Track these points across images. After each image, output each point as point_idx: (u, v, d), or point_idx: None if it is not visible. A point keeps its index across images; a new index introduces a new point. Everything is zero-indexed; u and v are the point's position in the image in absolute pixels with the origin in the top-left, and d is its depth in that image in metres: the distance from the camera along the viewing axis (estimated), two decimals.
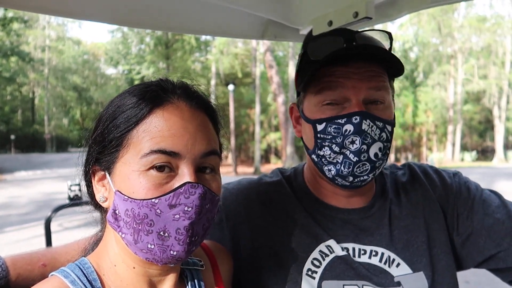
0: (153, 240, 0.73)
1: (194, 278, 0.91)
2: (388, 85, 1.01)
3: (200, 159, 0.77)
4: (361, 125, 0.94)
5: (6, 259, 0.95)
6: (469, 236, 1.08)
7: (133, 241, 0.74)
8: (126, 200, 0.74)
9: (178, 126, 0.75)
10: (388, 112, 1.00)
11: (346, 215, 1.08)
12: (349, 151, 0.97)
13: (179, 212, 0.72)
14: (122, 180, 0.75)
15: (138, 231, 0.74)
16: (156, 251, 0.74)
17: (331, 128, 0.98)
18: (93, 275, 0.79)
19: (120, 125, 0.77)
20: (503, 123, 38.18)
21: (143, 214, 0.72)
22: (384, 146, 0.99)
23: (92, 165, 0.81)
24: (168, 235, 0.73)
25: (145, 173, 0.73)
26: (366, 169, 0.98)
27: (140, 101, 0.77)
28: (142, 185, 0.73)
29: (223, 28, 1.51)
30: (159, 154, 0.73)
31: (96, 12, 1.26)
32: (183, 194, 0.73)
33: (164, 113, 0.76)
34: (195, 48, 33.67)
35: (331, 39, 1.02)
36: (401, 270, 1.01)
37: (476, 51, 38.69)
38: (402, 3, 1.26)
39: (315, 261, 1.02)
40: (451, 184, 1.14)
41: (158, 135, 0.74)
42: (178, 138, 0.74)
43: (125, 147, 0.76)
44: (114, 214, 0.77)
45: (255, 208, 1.12)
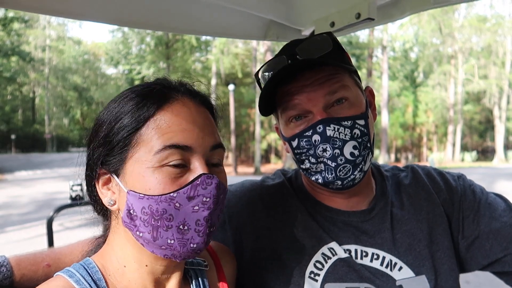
0: (173, 235, 0.74)
1: (198, 278, 0.91)
2: (346, 81, 1.01)
3: (209, 152, 0.79)
4: (326, 133, 0.97)
5: (11, 259, 0.95)
6: (475, 239, 1.08)
7: (151, 238, 0.74)
8: (142, 198, 0.74)
9: (187, 121, 0.77)
10: (356, 106, 1.00)
11: (346, 217, 1.07)
12: (325, 158, 0.99)
13: (198, 204, 0.74)
14: (136, 179, 0.75)
15: (157, 228, 0.74)
16: (176, 245, 0.75)
17: (303, 142, 1.01)
18: (98, 274, 0.79)
19: (127, 125, 0.76)
20: (504, 123, 38.14)
21: (162, 210, 0.73)
22: (360, 142, 0.99)
23: (97, 169, 0.80)
24: (187, 228, 0.74)
25: (160, 169, 0.74)
26: (349, 169, 0.99)
27: (145, 100, 0.78)
28: (159, 181, 0.73)
29: (225, 29, 1.52)
30: (173, 149, 0.74)
31: (101, 12, 1.26)
32: (200, 186, 0.74)
33: (173, 110, 0.77)
34: (195, 48, 33.66)
35: (276, 61, 1.05)
36: (404, 273, 1.01)
37: (477, 51, 38.67)
38: (404, 4, 1.26)
39: (318, 263, 1.02)
40: (456, 187, 1.13)
41: (169, 131, 0.75)
42: (189, 132, 0.76)
43: (135, 146, 0.75)
44: (129, 214, 0.76)
45: (258, 210, 1.12)
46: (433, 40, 39.52)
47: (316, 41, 1.02)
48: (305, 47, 1.02)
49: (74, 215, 9.40)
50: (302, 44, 1.03)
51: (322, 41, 1.01)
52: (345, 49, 1.07)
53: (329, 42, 1.01)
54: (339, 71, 1.00)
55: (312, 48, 1.01)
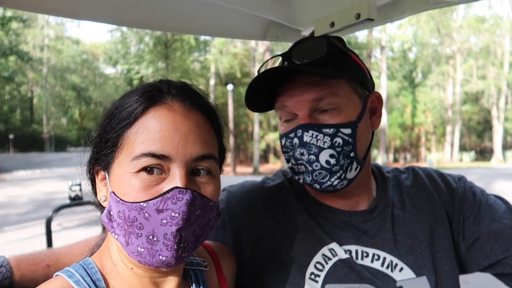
0: (142, 244, 0.73)
1: (198, 279, 0.91)
2: (338, 88, 0.99)
3: (193, 161, 0.75)
4: (303, 138, 0.98)
5: (10, 260, 0.95)
6: (475, 241, 1.08)
7: (125, 243, 0.75)
8: (118, 202, 0.74)
9: (168, 127, 0.74)
10: (344, 115, 0.99)
11: (347, 218, 1.07)
12: (303, 161, 1.00)
13: (167, 217, 0.71)
14: (116, 182, 0.76)
15: (129, 234, 0.73)
16: (145, 255, 0.73)
17: (287, 142, 1.04)
18: (97, 275, 0.79)
19: (116, 126, 0.77)
20: (502, 124, 38.23)
21: (133, 217, 0.72)
22: (339, 151, 0.98)
23: (93, 165, 0.82)
24: (157, 239, 0.72)
25: (135, 175, 0.73)
26: (325, 175, 0.99)
27: (134, 103, 0.77)
28: (132, 187, 0.72)
29: (225, 29, 1.51)
30: (149, 158, 0.72)
31: (100, 12, 1.26)
32: (171, 200, 0.71)
33: (156, 114, 0.75)
34: (194, 48, 33.63)
35: (273, 60, 1.07)
36: (404, 274, 1.01)
37: (475, 51, 38.72)
38: (404, 5, 1.26)
39: (318, 264, 1.02)
40: (456, 189, 1.14)
41: (149, 137, 0.73)
42: (168, 140, 0.73)
43: (120, 148, 0.76)
44: (109, 214, 0.77)
45: (258, 212, 1.12)
46: (431, 41, 39.58)
47: (310, 45, 1.02)
48: (300, 50, 1.02)
49: (72, 215, 9.40)
50: (298, 47, 1.03)
51: (316, 45, 1.01)
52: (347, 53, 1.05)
53: (324, 47, 0.99)
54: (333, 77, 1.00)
55: (305, 52, 1.01)
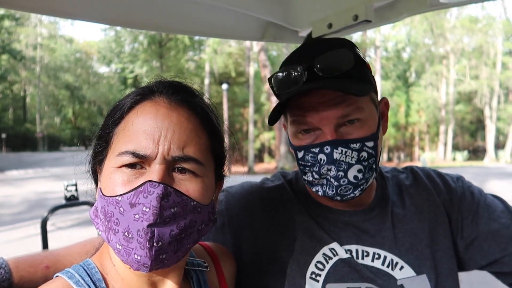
0: (119, 240, 0.71)
1: (199, 279, 0.91)
2: (362, 101, 0.97)
3: (174, 160, 0.73)
4: (332, 155, 0.95)
5: (9, 261, 0.95)
6: (473, 240, 1.09)
7: (106, 239, 0.74)
8: (101, 197, 0.75)
9: (151, 123, 0.73)
10: (367, 127, 0.98)
11: (347, 217, 1.08)
12: (329, 176, 0.98)
13: (139, 212, 0.68)
14: (103, 177, 0.77)
15: (109, 230, 0.73)
16: (123, 253, 0.71)
17: (308, 156, 0.99)
18: (97, 275, 0.79)
19: (108, 124, 0.79)
20: (494, 123, 38.54)
21: (110, 212, 0.71)
22: (365, 165, 0.98)
23: (93, 165, 0.83)
24: (131, 236, 0.69)
25: (117, 170, 0.73)
26: (349, 189, 0.99)
27: (124, 100, 0.79)
28: (112, 182, 0.72)
29: (222, 30, 1.51)
30: (129, 156, 0.72)
31: (97, 13, 1.26)
32: (142, 193, 0.69)
33: (139, 111, 0.75)
34: (188, 47, 33.55)
35: (292, 70, 0.98)
36: (405, 273, 1.02)
37: (468, 51, 39.01)
38: (401, 6, 1.27)
39: (319, 264, 1.02)
40: (455, 188, 1.15)
41: (131, 134, 0.73)
42: (149, 137, 0.72)
43: (110, 145, 0.77)
44: (95, 210, 0.78)
45: (258, 213, 1.12)
46: (425, 41, 39.81)
47: (337, 56, 0.96)
48: (325, 61, 0.95)
49: (66, 215, 9.34)
50: (322, 57, 0.96)
51: (344, 57, 0.96)
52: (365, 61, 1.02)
53: (351, 59, 0.95)
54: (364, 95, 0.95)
55: (332, 63, 0.95)
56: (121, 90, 51.53)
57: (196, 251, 0.98)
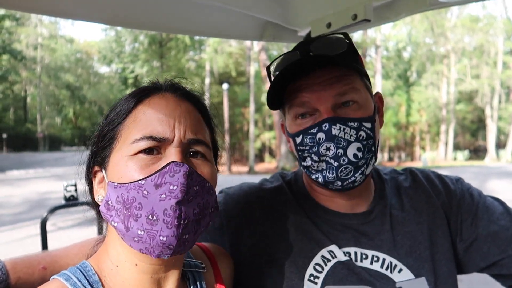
0: (142, 226, 0.72)
1: (196, 280, 0.91)
2: (357, 84, 1.00)
3: (188, 144, 0.78)
4: (331, 131, 0.96)
5: (6, 263, 0.94)
6: (473, 242, 1.09)
7: (124, 229, 0.74)
8: (116, 187, 0.75)
9: (164, 112, 0.78)
10: (364, 109, 1.00)
11: (346, 220, 1.07)
12: (328, 157, 0.98)
13: (165, 192, 0.71)
14: (113, 169, 0.77)
15: (128, 217, 0.73)
16: (146, 237, 0.72)
17: (307, 139, 1.00)
18: (94, 277, 0.79)
19: (112, 120, 0.81)
20: (495, 123, 38.51)
21: (131, 198, 0.72)
22: (364, 144, 0.98)
23: (92, 166, 0.83)
24: (156, 218, 0.71)
25: (132, 157, 0.75)
26: (350, 170, 0.98)
27: (129, 97, 0.82)
28: (129, 168, 0.74)
29: (221, 30, 1.51)
30: (147, 140, 0.75)
31: (97, 13, 1.26)
32: (168, 173, 0.72)
33: (150, 103, 0.80)
34: (189, 47, 33.58)
35: (289, 55, 1.05)
36: (403, 275, 1.01)
37: (469, 51, 38.98)
38: (400, 6, 1.27)
39: (317, 266, 1.01)
40: (454, 190, 1.14)
41: (146, 123, 0.77)
42: (164, 123, 0.77)
43: (118, 138, 0.79)
44: (107, 204, 0.77)
45: (256, 214, 1.11)
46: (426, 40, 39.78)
47: (331, 40, 1.02)
48: (320, 45, 1.01)
49: (66, 215, 9.34)
50: (317, 42, 1.02)
51: (337, 41, 1.01)
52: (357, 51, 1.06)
53: (344, 43, 1.01)
54: (351, 72, 0.99)
55: (326, 46, 1.01)
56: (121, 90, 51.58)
57: (193, 252, 0.98)
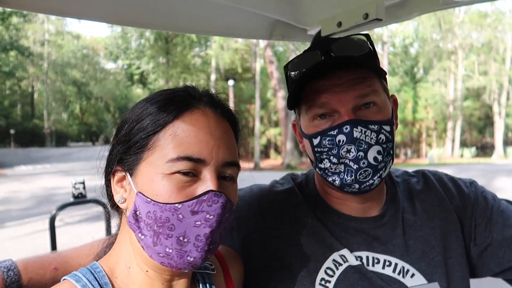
0: (171, 245, 0.74)
1: (205, 282, 0.91)
2: (377, 86, 0.99)
3: (222, 167, 0.78)
4: (352, 134, 0.94)
5: (18, 263, 0.95)
6: (487, 246, 1.07)
7: (152, 243, 0.75)
8: (148, 203, 0.74)
9: (204, 132, 0.77)
10: (383, 112, 0.99)
11: (358, 224, 1.06)
12: (347, 159, 0.97)
13: (201, 219, 0.73)
14: (146, 182, 0.76)
15: (158, 234, 0.74)
16: (173, 255, 0.74)
17: (326, 140, 0.99)
18: (104, 279, 0.79)
19: (146, 127, 0.77)
20: (503, 120, 38.15)
21: (165, 218, 0.73)
22: (384, 148, 0.97)
23: (114, 166, 0.81)
24: (187, 240, 0.73)
25: (169, 176, 0.74)
26: (369, 173, 0.97)
27: (167, 105, 0.78)
28: (166, 188, 0.73)
29: (230, 29, 1.50)
30: (186, 161, 0.74)
31: (103, 12, 1.25)
32: (206, 202, 0.73)
33: (192, 119, 0.77)
34: (195, 43, 33.55)
35: (309, 55, 1.04)
36: (416, 280, 1.00)
37: (477, 47, 38.58)
38: (412, 5, 1.25)
39: (329, 270, 1.01)
40: (468, 194, 1.12)
41: (185, 141, 0.75)
42: (204, 145, 0.76)
43: (151, 149, 0.76)
44: (135, 215, 0.76)
45: (267, 217, 1.10)
46: (433, 36, 39.43)
47: (353, 41, 1.01)
48: (342, 46, 1.00)
49: (74, 210, 9.41)
50: (339, 42, 1.01)
51: (360, 42, 1.00)
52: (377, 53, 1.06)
53: (366, 44, 1.00)
54: (371, 74, 0.98)
55: (349, 47, 0.99)
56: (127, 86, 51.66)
57: None
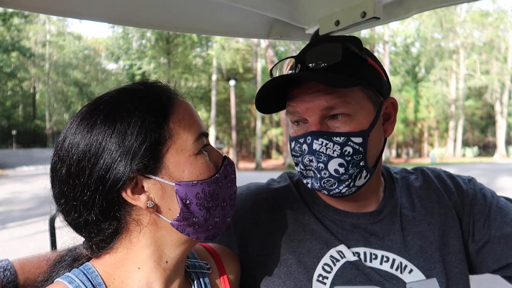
0: (218, 213, 0.82)
1: (200, 281, 0.91)
2: (351, 95, 0.96)
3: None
4: (312, 145, 0.96)
5: (14, 263, 0.95)
6: (485, 243, 1.07)
7: (204, 221, 0.80)
8: (195, 185, 0.78)
9: (195, 112, 0.85)
10: (355, 123, 0.96)
11: (355, 220, 1.06)
12: (312, 167, 0.99)
13: (230, 181, 0.86)
14: (182, 169, 0.77)
15: (209, 209, 0.80)
16: (219, 223, 0.83)
17: (297, 146, 1.01)
18: (98, 279, 0.78)
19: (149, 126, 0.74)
20: (505, 119, 38.11)
21: (212, 191, 0.80)
22: (349, 160, 0.95)
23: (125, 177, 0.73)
24: (226, 203, 0.84)
25: (199, 155, 0.80)
26: (333, 183, 0.97)
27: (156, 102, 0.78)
28: (204, 165, 0.80)
29: (228, 28, 1.50)
30: (203, 137, 0.82)
31: (103, 12, 1.25)
32: (228, 166, 0.86)
33: (183, 104, 0.83)
34: (196, 43, 33.57)
35: (285, 62, 1.04)
36: (414, 276, 1.00)
37: (479, 46, 38.54)
38: (410, 3, 1.24)
39: (326, 266, 1.01)
40: (466, 190, 1.12)
41: (193, 121, 0.82)
42: (200, 122, 0.85)
43: (169, 140, 0.77)
44: (185, 206, 0.77)
45: (264, 215, 1.11)
46: (434, 35, 39.39)
47: (325, 49, 0.98)
48: (314, 54, 0.98)
49: None
50: (312, 50, 0.99)
51: (331, 50, 0.96)
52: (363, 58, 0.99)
53: (339, 52, 0.95)
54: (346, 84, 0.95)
55: (320, 56, 0.97)
56: None
57: (198, 252, 0.98)
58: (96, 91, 54.54)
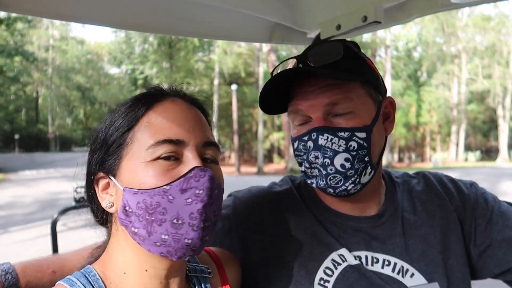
0: (166, 230, 0.73)
1: (202, 286, 0.90)
2: (353, 92, 0.98)
3: (202, 147, 0.80)
4: (317, 141, 0.97)
5: (16, 266, 0.95)
6: (487, 248, 1.06)
7: (146, 234, 0.74)
8: (136, 193, 0.74)
9: (179, 116, 0.79)
10: (358, 118, 0.98)
11: (357, 223, 1.06)
12: (317, 165, 0.99)
13: (191, 196, 0.73)
14: (130, 175, 0.76)
15: (151, 222, 0.74)
16: (170, 241, 0.74)
17: (301, 145, 1.02)
18: (99, 282, 0.79)
19: (120, 125, 0.79)
20: (507, 123, 37.99)
21: (155, 203, 0.73)
22: (354, 155, 0.96)
23: (96, 173, 0.81)
24: (181, 222, 0.73)
25: (152, 163, 0.75)
26: (340, 179, 0.98)
27: (137, 102, 0.81)
28: (151, 174, 0.74)
29: (230, 32, 1.50)
30: (165, 144, 0.75)
31: (104, 16, 1.26)
32: (193, 178, 0.74)
33: (164, 106, 0.80)
34: (198, 48, 33.68)
35: (286, 62, 1.07)
36: (415, 280, 1.00)
37: (481, 50, 38.53)
38: (411, 7, 1.25)
39: (328, 270, 1.00)
40: (468, 195, 1.12)
41: (161, 127, 0.77)
42: (180, 126, 0.78)
43: (129, 144, 0.78)
44: (125, 211, 0.76)
45: (265, 218, 1.11)
46: (436, 40, 39.42)
47: (326, 47, 1.01)
48: (315, 53, 1.01)
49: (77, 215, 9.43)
50: (313, 50, 1.02)
51: (332, 48, 1.00)
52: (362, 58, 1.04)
53: (340, 50, 0.99)
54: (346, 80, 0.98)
55: (321, 54, 1.00)
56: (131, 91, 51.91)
57: (199, 256, 0.97)
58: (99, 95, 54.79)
